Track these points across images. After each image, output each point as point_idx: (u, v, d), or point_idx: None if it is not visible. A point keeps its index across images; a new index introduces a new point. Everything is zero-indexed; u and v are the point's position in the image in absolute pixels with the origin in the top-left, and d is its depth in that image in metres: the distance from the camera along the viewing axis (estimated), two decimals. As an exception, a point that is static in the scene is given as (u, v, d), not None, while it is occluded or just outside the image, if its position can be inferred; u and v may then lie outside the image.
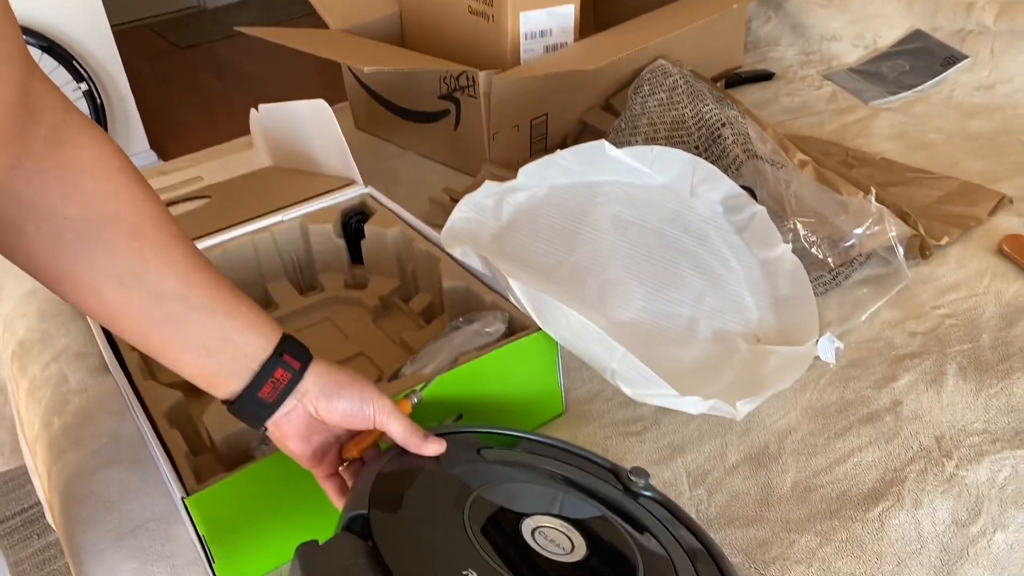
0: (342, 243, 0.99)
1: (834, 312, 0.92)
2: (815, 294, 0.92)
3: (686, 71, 1.18)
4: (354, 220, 1.00)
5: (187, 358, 0.58)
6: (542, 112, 1.22)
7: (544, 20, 1.22)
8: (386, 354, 0.89)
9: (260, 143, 1.24)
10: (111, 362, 0.79)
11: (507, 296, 0.80)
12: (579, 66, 1.17)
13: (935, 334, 0.89)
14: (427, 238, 0.93)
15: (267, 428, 0.61)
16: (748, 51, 1.53)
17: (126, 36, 3.61)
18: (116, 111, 2.88)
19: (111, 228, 0.54)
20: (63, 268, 0.54)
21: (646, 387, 0.73)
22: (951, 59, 1.41)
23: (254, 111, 1.19)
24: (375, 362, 0.89)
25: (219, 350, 0.58)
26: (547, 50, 1.24)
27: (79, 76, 2.69)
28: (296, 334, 0.62)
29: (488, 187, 0.91)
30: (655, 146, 0.98)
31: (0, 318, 1.08)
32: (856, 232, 0.95)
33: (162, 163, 1.39)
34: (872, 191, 0.97)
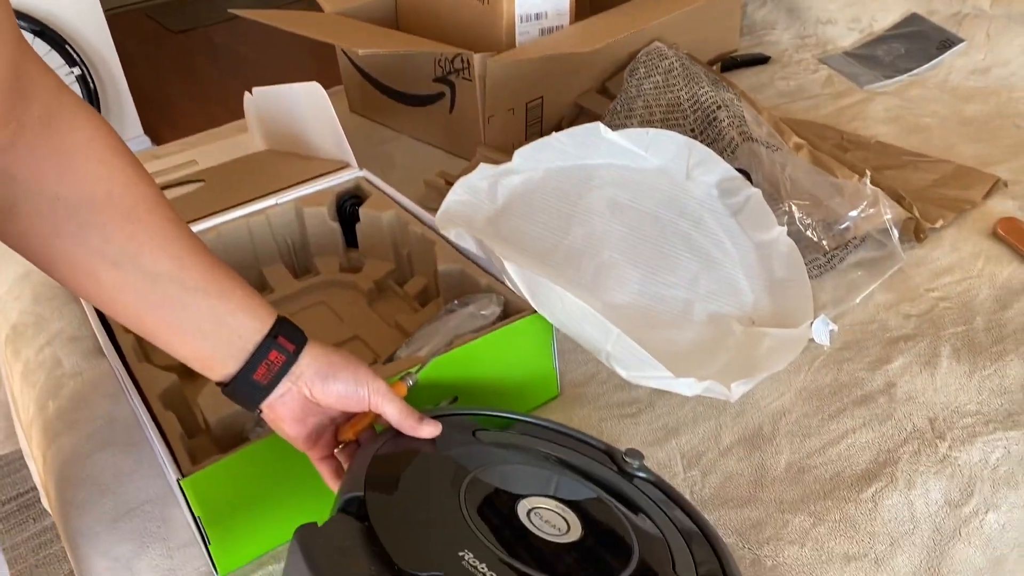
0: (337, 226, 0.99)
1: (828, 295, 0.93)
2: (810, 277, 0.92)
3: (682, 54, 1.17)
4: (349, 203, 0.99)
5: (182, 340, 0.58)
6: (537, 95, 1.22)
7: (539, 3, 1.21)
8: (381, 337, 0.89)
9: (254, 127, 1.23)
10: (105, 345, 0.79)
11: (502, 279, 0.80)
12: (575, 49, 1.16)
13: (929, 316, 0.89)
14: (422, 221, 0.92)
15: (262, 410, 0.61)
16: (744, 35, 1.53)
17: (119, 20, 3.59)
18: (109, 96, 2.86)
19: (105, 210, 0.53)
20: (57, 250, 0.53)
21: (641, 369, 0.73)
22: (947, 43, 1.40)
23: (248, 95, 1.19)
24: (370, 345, 0.89)
25: (213, 332, 0.58)
26: (542, 33, 1.24)
27: (72, 60, 2.67)
28: (291, 317, 0.61)
29: (483, 170, 0.91)
30: (651, 129, 0.97)
31: (-6, 302, 1.08)
32: (851, 215, 0.95)
33: (156, 147, 1.38)
34: (867, 174, 0.97)
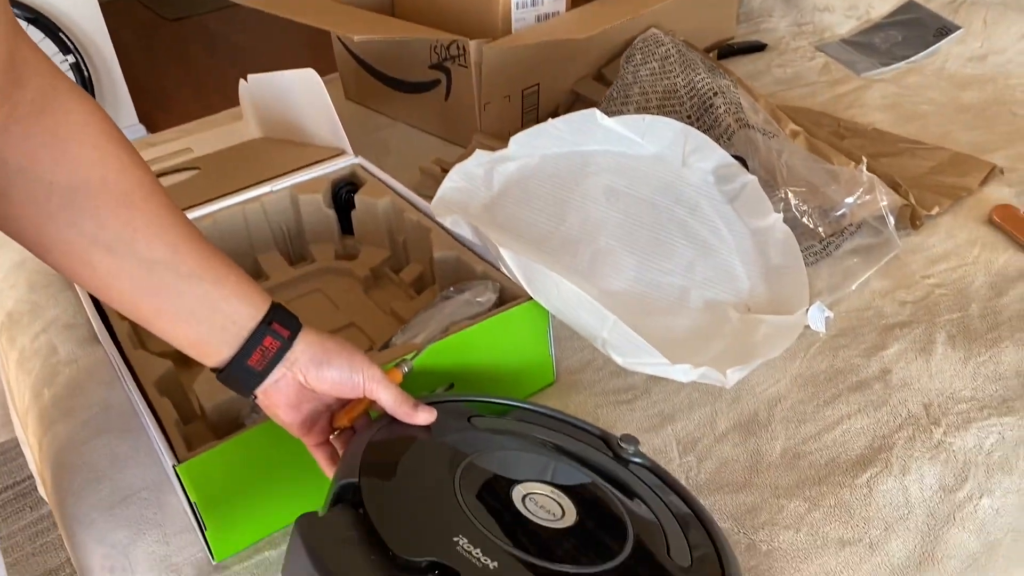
0: (332, 213, 0.99)
1: (824, 282, 0.93)
2: (806, 264, 0.92)
3: (678, 40, 1.17)
4: (344, 190, 0.99)
5: (176, 326, 0.57)
6: (533, 82, 1.21)
7: (535, -11, 1.21)
8: (377, 324, 0.89)
9: (249, 114, 1.23)
10: (101, 332, 0.79)
11: (498, 266, 0.80)
12: (571, 35, 1.16)
13: (925, 303, 0.89)
14: (418, 208, 0.92)
15: (256, 396, 0.61)
16: (741, 22, 1.53)
17: (113, 8, 3.56)
18: (104, 84, 2.85)
19: (99, 195, 0.53)
20: (51, 236, 0.53)
21: (637, 355, 0.74)
22: (944, 30, 1.40)
23: (243, 82, 1.18)
24: (366, 332, 0.89)
25: (208, 318, 0.58)
26: (538, 19, 1.23)
27: (66, 48, 2.66)
28: (287, 305, 0.61)
29: (479, 156, 0.91)
30: (647, 115, 0.97)
31: (-12, 290, 1.07)
32: (847, 201, 0.95)
33: (151, 135, 1.37)
34: (863, 161, 0.97)
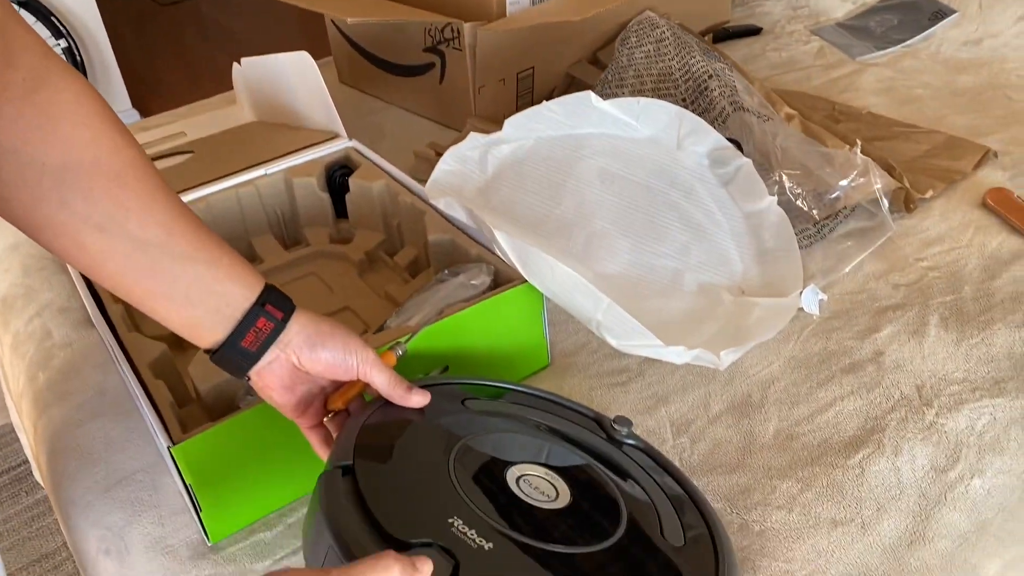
0: (326, 197, 0.98)
1: (818, 264, 0.93)
2: (800, 247, 0.92)
3: (673, 24, 1.17)
4: (338, 174, 0.99)
5: (169, 307, 0.57)
6: (528, 65, 1.21)
7: (530, -29, 1.20)
8: (372, 308, 0.89)
9: (243, 98, 1.22)
10: (95, 315, 0.79)
11: (492, 248, 0.80)
12: (566, 18, 1.16)
13: (918, 286, 0.90)
14: (412, 191, 0.92)
15: (250, 378, 0.61)
16: (736, 5, 1.52)
17: (106, -8, 3.54)
18: (96, 69, 2.83)
19: (90, 175, 0.53)
20: (43, 216, 0.53)
21: (631, 338, 0.74)
22: (939, 14, 1.40)
23: (237, 65, 1.18)
24: (360, 316, 0.89)
25: (201, 299, 0.58)
26: (533, 2, 1.23)
27: (58, 33, 2.64)
28: (281, 288, 0.61)
29: (473, 139, 0.91)
30: (641, 98, 0.97)
31: (-18, 274, 1.07)
32: (841, 184, 0.95)
33: (144, 119, 1.37)
34: (858, 144, 0.97)
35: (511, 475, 0.59)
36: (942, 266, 0.92)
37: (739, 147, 1.00)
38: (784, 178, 0.97)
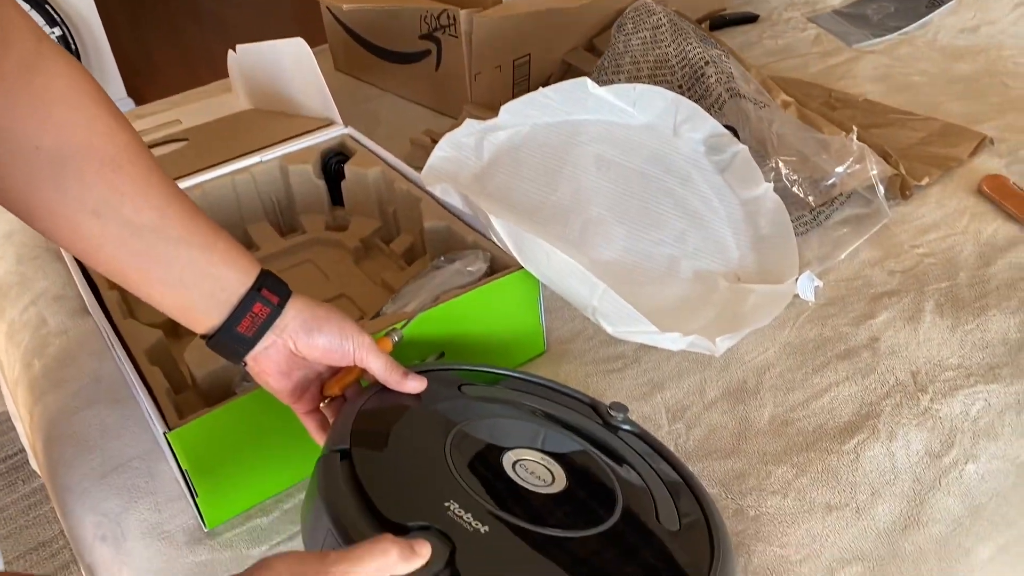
0: (322, 184, 0.98)
1: (814, 251, 0.93)
2: (796, 234, 0.92)
3: (670, 10, 1.16)
4: (334, 161, 0.99)
5: (164, 292, 0.57)
6: (525, 52, 1.21)
7: (526, -42, 1.20)
8: (368, 295, 0.89)
9: (239, 85, 1.22)
10: (90, 303, 0.79)
11: (488, 235, 0.80)
12: (562, 4, 1.15)
13: (913, 272, 0.90)
14: (408, 178, 0.92)
15: (247, 363, 0.61)
16: (733, -8, 1.52)
17: (100, -20, 3.52)
18: (91, 57, 2.82)
19: (85, 159, 0.53)
20: (37, 200, 0.53)
21: (627, 324, 0.74)
22: (936, 1, 1.40)
23: (232, 52, 1.17)
24: (357, 303, 0.89)
25: (196, 284, 0.57)
26: (529, -11, 1.22)
27: (52, 20, 2.63)
28: (278, 276, 0.61)
29: (469, 126, 0.90)
30: (638, 84, 0.97)
31: (-23, 262, 1.07)
32: (837, 171, 0.95)
33: (139, 107, 1.36)
34: (854, 130, 0.97)
35: (507, 460, 0.59)
36: (937, 253, 0.92)
37: (735, 134, 0.99)
38: (780, 165, 0.97)
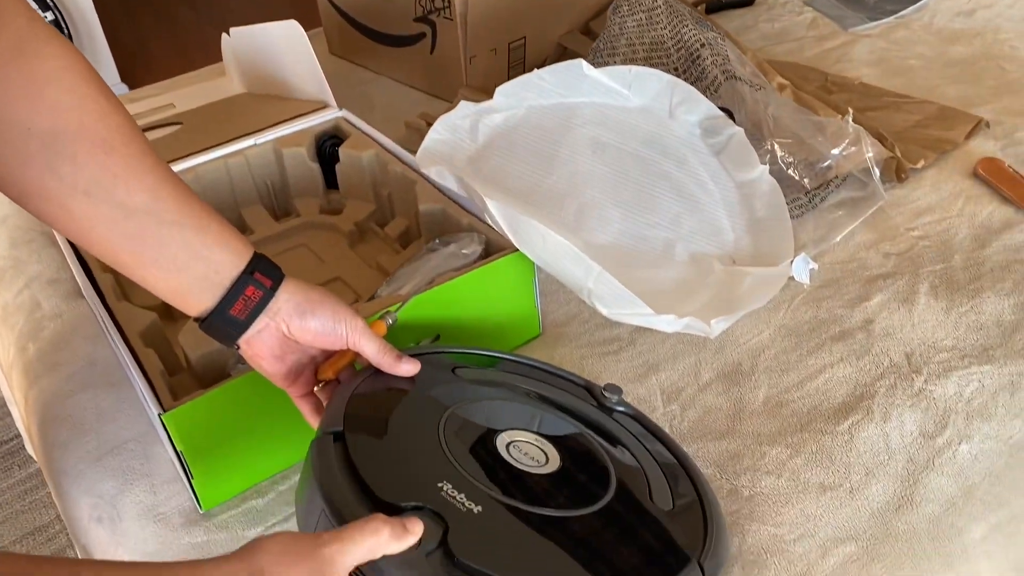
0: (317, 167, 0.98)
1: (809, 234, 0.93)
2: (791, 216, 0.92)
3: (665, -7, 1.16)
4: (328, 144, 0.98)
5: (157, 274, 0.57)
6: (520, 35, 1.20)
7: (521, -60, 1.19)
8: (363, 279, 0.89)
9: (232, 69, 1.21)
10: (84, 286, 0.79)
11: (483, 218, 0.80)
12: (557, -13, 1.15)
13: (908, 255, 0.90)
14: (402, 161, 0.92)
15: (240, 346, 0.61)
16: (729, -25, 1.51)
17: (93, -36, 3.49)
18: (84, 42, 2.80)
19: (77, 140, 0.53)
20: (30, 181, 0.53)
21: (622, 306, 0.74)
22: (933, -17, 1.39)
23: (226, 36, 1.17)
24: (351, 287, 0.88)
25: (189, 266, 0.57)
26: (524, -29, 1.22)
27: (44, 5, 2.61)
28: (272, 259, 0.61)
29: (464, 108, 0.90)
30: (633, 66, 0.96)
31: (-30, 246, 1.06)
32: (833, 153, 0.95)
33: (132, 91, 1.35)
34: (849, 113, 0.97)
35: (501, 441, 0.59)
36: (932, 235, 0.92)
37: (731, 116, 0.99)
38: (776, 147, 0.97)
